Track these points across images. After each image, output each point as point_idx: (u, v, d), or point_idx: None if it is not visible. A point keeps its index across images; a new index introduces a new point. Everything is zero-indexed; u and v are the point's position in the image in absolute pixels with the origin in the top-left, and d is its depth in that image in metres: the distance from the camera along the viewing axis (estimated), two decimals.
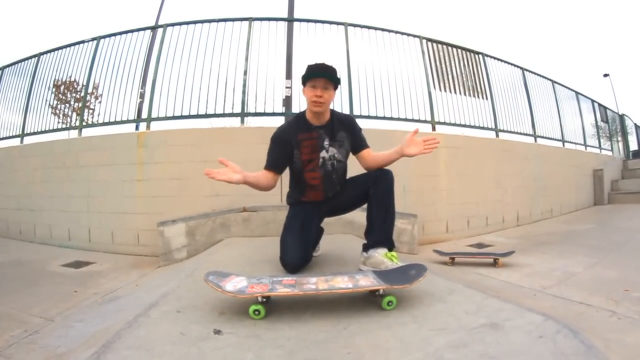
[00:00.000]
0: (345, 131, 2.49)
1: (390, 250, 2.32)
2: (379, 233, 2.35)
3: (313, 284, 1.79)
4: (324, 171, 2.44)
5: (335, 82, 2.38)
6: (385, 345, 1.40)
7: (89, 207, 4.40)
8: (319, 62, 2.41)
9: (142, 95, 4.59)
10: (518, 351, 1.29)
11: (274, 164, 2.44)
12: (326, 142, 2.44)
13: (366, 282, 1.78)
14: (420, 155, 2.35)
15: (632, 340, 1.60)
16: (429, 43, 5.31)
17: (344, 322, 1.61)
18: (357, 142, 2.53)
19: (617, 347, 1.49)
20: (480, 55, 5.83)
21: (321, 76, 2.32)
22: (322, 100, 2.32)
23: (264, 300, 1.68)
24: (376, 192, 2.36)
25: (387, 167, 2.44)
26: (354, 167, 2.60)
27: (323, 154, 2.43)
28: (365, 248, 2.37)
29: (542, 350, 1.28)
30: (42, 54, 5.47)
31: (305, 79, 2.36)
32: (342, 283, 1.78)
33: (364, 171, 2.55)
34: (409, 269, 1.93)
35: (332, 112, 2.49)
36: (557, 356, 1.24)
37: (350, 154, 2.56)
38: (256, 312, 1.64)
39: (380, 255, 2.27)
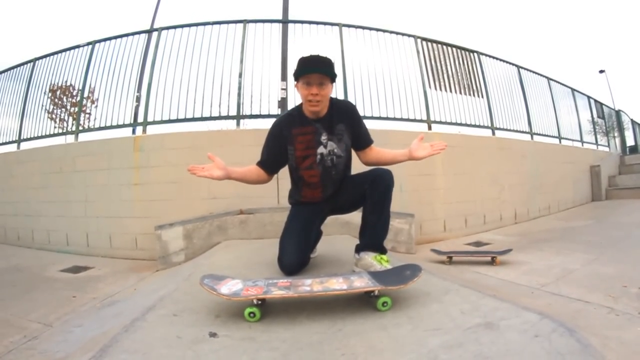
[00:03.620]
0: (345, 123, 2.32)
1: (382, 253, 2.27)
2: (370, 237, 2.29)
3: (308, 285, 1.79)
4: (322, 168, 2.31)
5: (331, 76, 2.20)
6: (379, 346, 1.40)
7: (87, 212, 4.40)
8: (312, 54, 2.23)
9: (138, 99, 4.60)
10: (513, 351, 1.29)
11: (266, 162, 2.37)
12: (324, 137, 2.29)
13: (361, 283, 1.78)
14: None
15: (630, 337, 1.60)
16: (424, 42, 5.32)
17: (338, 323, 1.61)
18: (359, 137, 2.39)
19: (615, 344, 1.49)
20: (475, 54, 5.85)
21: (316, 71, 2.15)
22: (318, 99, 2.17)
23: (259, 302, 1.67)
24: (372, 194, 2.25)
25: (387, 168, 2.32)
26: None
27: (321, 149, 2.29)
28: (357, 249, 2.34)
29: (537, 350, 1.28)
30: (38, 59, 5.47)
31: (298, 75, 2.19)
32: (336, 284, 1.78)
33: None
34: (404, 270, 1.92)
35: (331, 101, 2.31)
36: (552, 355, 1.23)
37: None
38: (251, 315, 1.64)
39: (370, 257, 2.22)
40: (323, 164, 2.32)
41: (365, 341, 1.45)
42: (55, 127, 5.24)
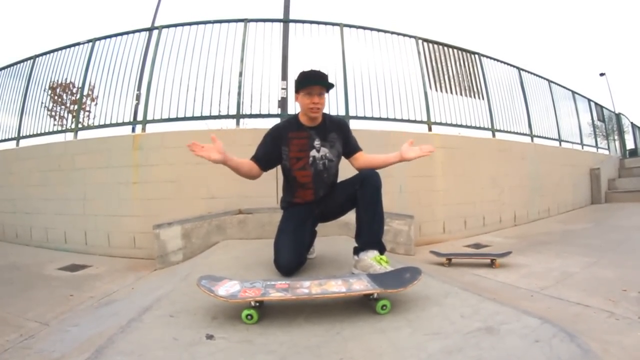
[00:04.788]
0: (336, 132, 2.55)
1: (381, 253, 2.31)
2: (367, 235, 2.35)
3: (306, 288, 1.78)
4: (314, 169, 2.47)
5: (329, 87, 2.48)
6: (378, 351, 1.39)
7: (85, 210, 4.38)
8: (312, 69, 2.48)
9: (137, 97, 4.57)
10: (514, 356, 1.28)
11: (260, 157, 2.47)
12: (317, 142, 2.48)
13: (360, 285, 1.77)
14: None
15: (630, 342, 1.59)
16: (425, 43, 5.30)
17: (337, 326, 1.60)
18: (348, 145, 2.59)
19: (615, 349, 1.49)
20: (476, 55, 5.84)
21: (317, 84, 2.40)
22: (319, 107, 2.41)
23: (257, 304, 1.66)
24: (363, 194, 2.36)
25: (374, 170, 2.45)
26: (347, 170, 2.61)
27: (313, 152, 2.47)
28: (356, 251, 2.38)
29: (538, 355, 1.27)
30: (38, 56, 5.45)
31: (300, 87, 2.42)
32: (335, 287, 1.76)
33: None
34: (403, 272, 1.91)
35: (324, 114, 2.55)
36: None
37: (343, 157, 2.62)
38: (249, 317, 1.63)
39: (369, 258, 2.25)
40: (315, 166, 2.48)
41: (363, 345, 1.44)
42: (54, 125, 5.22)
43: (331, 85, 2.50)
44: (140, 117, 4.48)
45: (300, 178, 2.49)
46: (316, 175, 2.48)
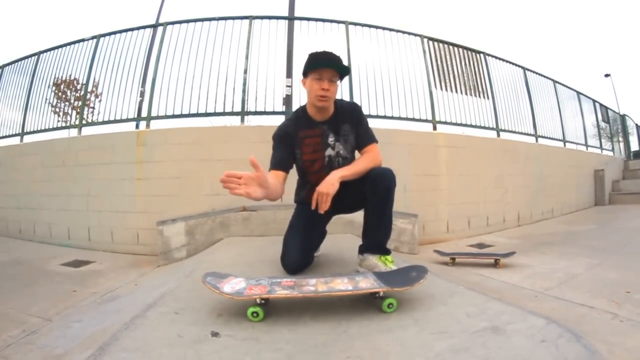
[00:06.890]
0: (350, 123, 2.30)
1: (385, 255, 2.22)
2: (373, 239, 2.23)
3: (312, 285, 1.76)
4: (329, 170, 2.22)
5: (342, 72, 2.20)
6: (385, 349, 1.38)
7: (89, 206, 4.39)
8: (324, 50, 2.19)
9: (142, 94, 4.58)
10: (520, 356, 1.27)
11: (280, 163, 2.20)
12: (331, 139, 2.27)
13: (366, 284, 1.75)
14: (421, 155, 2.30)
15: (634, 344, 1.59)
16: (430, 42, 5.29)
17: (343, 324, 1.58)
18: (360, 137, 2.33)
19: (620, 351, 1.48)
20: (481, 55, 5.81)
21: (329, 66, 2.12)
22: (328, 94, 2.13)
23: (263, 302, 1.65)
24: (373, 194, 2.16)
25: (387, 167, 2.21)
26: None
27: (329, 152, 2.27)
28: (361, 250, 2.29)
29: (544, 356, 1.26)
30: (42, 52, 5.47)
31: (309, 69, 2.14)
32: (341, 285, 1.75)
33: None
34: (409, 271, 1.89)
35: (336, 102, 2.30)
36: None
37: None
38: (254, 314, 1.61)
39: (374, 258, 2.19)
40: (330, 166, 2.28)
41: (370, 344, 1.43)
42: (58, 121, 5.25)
43: (346, 71, 2.22)
44: (144, 114, 4.48)
45: (315, 180, 2.25)
46: None
